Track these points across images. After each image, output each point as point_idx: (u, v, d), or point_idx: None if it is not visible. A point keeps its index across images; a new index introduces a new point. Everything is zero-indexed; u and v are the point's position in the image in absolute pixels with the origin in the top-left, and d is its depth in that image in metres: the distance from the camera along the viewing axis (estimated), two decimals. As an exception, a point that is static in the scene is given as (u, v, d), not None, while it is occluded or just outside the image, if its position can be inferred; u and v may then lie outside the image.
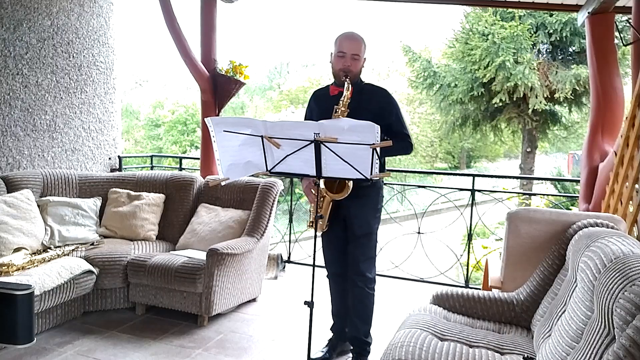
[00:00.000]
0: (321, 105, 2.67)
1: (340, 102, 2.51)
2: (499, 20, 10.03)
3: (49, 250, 3.33)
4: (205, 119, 2.18)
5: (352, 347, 2.78)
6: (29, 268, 3.00)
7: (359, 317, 2.72)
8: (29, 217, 3.39)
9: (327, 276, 2.86)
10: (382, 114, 2.55)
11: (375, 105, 2.58)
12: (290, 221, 4.77)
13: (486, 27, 10.03)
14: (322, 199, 2.53)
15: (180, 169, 5.70)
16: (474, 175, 4.38)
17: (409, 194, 11.35)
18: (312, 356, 2.37)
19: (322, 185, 2.46)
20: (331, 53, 2.63)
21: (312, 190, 2.55)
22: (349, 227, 2.67)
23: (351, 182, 2.44)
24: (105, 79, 4.80)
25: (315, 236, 2.28)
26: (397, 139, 2.54)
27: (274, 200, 3.69)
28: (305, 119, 2.79)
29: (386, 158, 2.78)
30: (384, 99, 2.63)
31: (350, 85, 2.49)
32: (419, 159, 19.79)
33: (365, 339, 2.75)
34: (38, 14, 4.15)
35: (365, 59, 2.62)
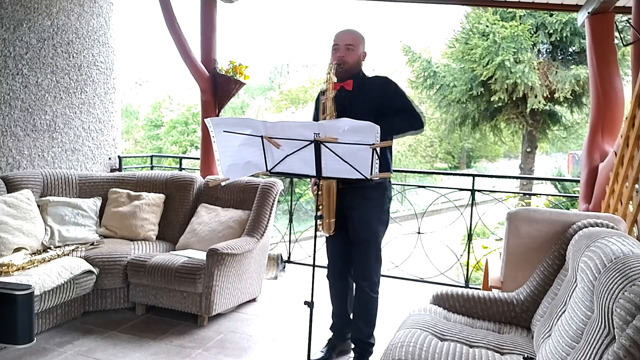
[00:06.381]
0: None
1: (324, 83, 2.53)
2: (499, 20, 10.03)
3: (49, 250, 3.33)
4: (205, 120, 2.18)
5: (353, 347, 2.77)
6: (29, 268, 3.00)
7: (363, 320, 2.71)
8: (29, 217, 3.39)
9: (327, 276, 2.85)
10: (384, 96, 2.55)
11: (376, 91, 2.57)
12: (290, 221, 4.77)
13: (487, 26, 10.02)
14: (320, 192, 2.53)
15: (180, 169, 5.70)
16: (474, 175, 4.38)
17: (409, 194, 11.35)
18: (312, 356, 2.36)
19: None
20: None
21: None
22: (351, 230, 2.64)
23: None
24: (105, 79, 4.80)
25: (315, 236, 2.27)
26: (404, 114, 2.51)
27: (274, 200, 3.69)
28: (312, 118, 2.80)
29: (392, 159, 2.74)
30: (384, 82, 2.62)
31: (335, 66, 2.50)
32: (419, 159, 19.78)
33: (368, 341, 2.74)
34: (38, 14, 4.15)
35: (365, 53, 2.63)
